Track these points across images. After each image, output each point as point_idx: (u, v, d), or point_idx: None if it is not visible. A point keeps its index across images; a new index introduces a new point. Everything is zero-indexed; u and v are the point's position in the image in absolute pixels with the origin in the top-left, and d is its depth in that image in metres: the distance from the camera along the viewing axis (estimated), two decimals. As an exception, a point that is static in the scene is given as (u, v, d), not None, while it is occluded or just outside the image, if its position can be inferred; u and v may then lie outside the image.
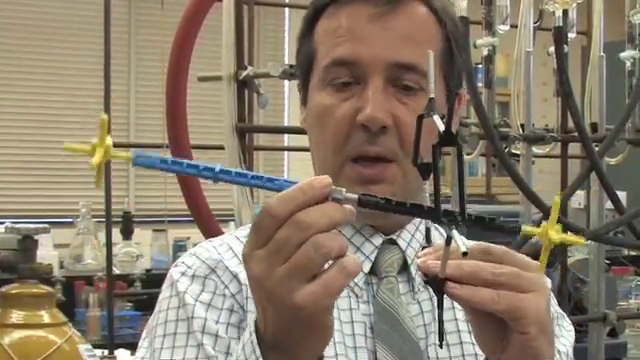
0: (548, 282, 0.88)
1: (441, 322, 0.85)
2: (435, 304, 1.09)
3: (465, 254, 0.79)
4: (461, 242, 0.79)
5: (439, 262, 0.83)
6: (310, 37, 1.11)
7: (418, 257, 0.86)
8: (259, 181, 0.82)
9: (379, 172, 1.05)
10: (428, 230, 0.89)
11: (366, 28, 1.05)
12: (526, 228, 0.86)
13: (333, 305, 0.81)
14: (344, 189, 0.81)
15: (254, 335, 0.85)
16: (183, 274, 1.07)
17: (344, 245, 0.80)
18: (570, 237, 0.90)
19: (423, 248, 0.87)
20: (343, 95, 1.06)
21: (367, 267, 1.08)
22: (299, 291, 0.79)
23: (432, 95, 0.84)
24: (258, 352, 0.84)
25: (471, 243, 0.83)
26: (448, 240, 0.80)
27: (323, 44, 1.09)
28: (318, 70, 1.09)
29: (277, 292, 0.79)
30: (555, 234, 0.87)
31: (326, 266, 0.80)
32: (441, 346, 0.90)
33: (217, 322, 1.03)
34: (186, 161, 0.81)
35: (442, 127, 0.81)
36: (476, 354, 1.08)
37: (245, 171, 0.82)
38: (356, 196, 0.82)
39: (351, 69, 1.06)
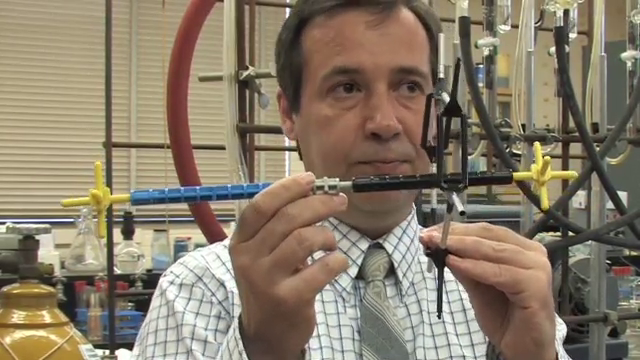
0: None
1: (440, 294, 0.86)
2: (422, 307, 1.10)
3: (463, 213, 0.79)
4: (459, 204, 0.79)
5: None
6: (297, 47, 1.10)
7: (422, 234, 0.86)
8: (240, 190, 0.83)
9: (393, 168, 1.04)
10: (433, 210, 0.89)
11: (365, 35, 1.05)
12: (516, 174, 0.87)
13: (314, 299, 0.82)
14: (337, 178, 0.82)
15: (237, 330, 0.86)
16: (171, 283, 1.09)
17: (331, 239, 0.81)
18: (560, 173, 0.91)
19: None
20: (345, 104, 1.05)
21: (354, 271, 1.09)
22: (281, 284, 0.80)
23: (442, 75, 0.86)
24: (241, 346, 0.84)
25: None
26: (449, 207, 0.80)
27: (319, 53, 1.07)
28: (314, 80, 1.08)
29: (260, 283, 0.80)
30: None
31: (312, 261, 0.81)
32: (439, 316, 0.90)
33: (206, 329, 1.04)
34: (183, 188, 0.83)
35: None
36: (464, 356, 1.08)
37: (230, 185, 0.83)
38: (350, 183, 0.82)
39: (353, 77, 1.05)
